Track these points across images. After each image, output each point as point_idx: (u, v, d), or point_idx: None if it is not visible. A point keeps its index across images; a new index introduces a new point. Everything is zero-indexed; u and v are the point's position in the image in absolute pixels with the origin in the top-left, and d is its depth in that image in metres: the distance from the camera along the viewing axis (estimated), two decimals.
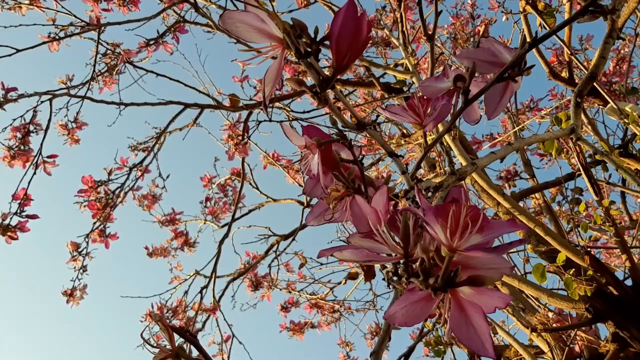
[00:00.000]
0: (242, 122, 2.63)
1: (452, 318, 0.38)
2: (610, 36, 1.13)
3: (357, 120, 0.50)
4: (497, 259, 0.39)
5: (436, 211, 0.38)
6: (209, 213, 3.56)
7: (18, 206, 2.14)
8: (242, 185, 3.03)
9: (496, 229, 0.38)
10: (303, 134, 0.54)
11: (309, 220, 0.57)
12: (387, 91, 2.52)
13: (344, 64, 0.43)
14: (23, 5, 2.48)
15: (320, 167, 0.53)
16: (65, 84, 2.48)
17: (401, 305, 0.41)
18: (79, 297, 2.69)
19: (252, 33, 0.43)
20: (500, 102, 0.58)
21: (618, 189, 1.94)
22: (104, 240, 2.58)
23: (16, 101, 2.22)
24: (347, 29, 0.41)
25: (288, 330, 3.51)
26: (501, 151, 0.82)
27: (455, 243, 0.37)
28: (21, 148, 2.33)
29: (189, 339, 0.43)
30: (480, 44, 0.60)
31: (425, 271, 0.38)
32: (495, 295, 0.39)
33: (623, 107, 1.76)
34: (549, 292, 1.74)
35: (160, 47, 2.63)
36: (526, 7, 1.90)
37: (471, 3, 3.41)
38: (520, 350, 1.96)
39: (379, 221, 0.45)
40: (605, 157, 1.14)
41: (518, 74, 0.54)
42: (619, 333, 1.60)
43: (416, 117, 0.61)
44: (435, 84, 0.63)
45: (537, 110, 3.15)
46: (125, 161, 2.68)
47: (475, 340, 0.38)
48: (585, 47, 3.21)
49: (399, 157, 0.57)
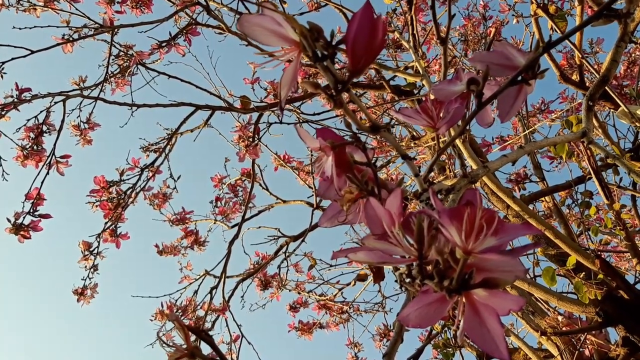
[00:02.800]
0: (253, 123, 2.64)
1: (467, 320, 0.39)
2: (623, 40, 1.13)
3: (371, 122, 0.50)
4: (511, 262, 0.39)
5: (451, 213, 0.38)
6: (219, 213, 3.57)
7: (31, 206, 2.16)
8: (252, 186, 3.04)
9: (511, 231, 0.38)
10: (317, 137, 0.55)
11: (322, 222, 0.58)
12: (398, 94, 2.52)
13: (359, 68, 0.43)
14: (38, 7, 2.50)
15: (334, 169, 0.54)
16: (78, 85, 2.50)
17: (415, 307, 0.42)
18: (90, 295, 2.71)
19: (269, 36, 0.43)
20: (513, 105, 0.58)
21: (629, 193, 1.93)
22: (115, 239, 2.60)
23: (30, 102, 2.25)
24: (363, 33, 0.42)
25: (296, 330, 3.52)
26: (513, 154, 0.82)
27: (470, 245, 0.37)
28: (34, 148, 2.35)
29: (205, 338, 0.44)
30: (493, 47, 0.60)
31: (441, 273, 0.38)
32: (509, 297, 0.39)
33: (634, 110, 1.75)
34: (559, 296, 1.74)
35: (172, 49, 2.65)
36: (537, 10, 1.90)
37: (483, 4, 3.40)
38: (529, 354, 1.95)
39: (392, 223, 0.45)
40: (617, 161, 1.14)
41: (532, 77, 0.55)
42: (629, 337, 1.59)
43: (429, 120, 0.61)
44: (448, 87, 0.63)
45: (548, 112, 3.14)
46: (137, 162, 2.69)
47: (490, 343, 0.38)
48: (595, 50, 3.20)
49: (412, 159, 0.57)
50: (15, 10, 2.49)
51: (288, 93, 0.44)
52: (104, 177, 2.56)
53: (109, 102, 2.47)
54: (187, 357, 0.45)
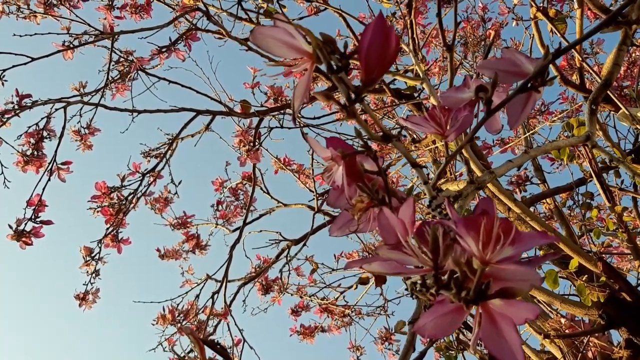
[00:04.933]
0: (254, 128, 2.64)
1: (484, 330, 0.39)
2: (624, 43, 1.14)
3: (382, 132, 0.50)
4: (528, 271, 0.39)
5: (467, 223, 0.38)
6: (220, 217, 3.57)
7: (32, 212, 2.16)
8: (253, 190, 3.04)
9: (528, 241, 0.38)
10: (327, 146, 0.55)
11: (332, 231, 0.58)
12: (398, 97, 2.52)
13: (372, 78, 0.43)
14: (38, 14, 2.50)
15: (345, 178, 0.54)
16: (79, 91, 2.50)
17: (430, 317, 0.42)
18: (92, 300, 2.70)
19: (282, 48, 0.43)
20: (522, 112, 0.58)
21: (630, 195, 1.93)
22: (117, 245, 2.59)
23: (30, 108, 2.24)
24: (376, 44, 0.42)
25: (298, 334, 3.52)
26: (518, 159, 0.83)
27: (488, 256, 0.37)
28: (35, 154, 2.35)
29: (220, 351, 0.44)
30: (502, 54, 0.60)
31: (459, 284, 0.38)
32: (525, 306, 0.39)
33: (635, 112, 1.75)
34: (562, 298, 1.74)
35: (172, 54, 2.65)
36: (537, 13, 1.90)
37: (482, 7, 3.41)
38: (532, 357, 1.95)
39: (406, 233, 0.45)
40: (620, 164, 1.14)
41: (541, 84, 0.55)
42: (632, 339, 1.59)
43: (438, 127, 0.62)
44: (457, 94, 0.63)
45: (548, 114, 3.15)
46: (138, 167, 2.69)
47: (507, 352, 0.38)
48: (595, 50, 3.20)
49: (422, 167, 0.57)
50: (16, 17, 2.49)
51: (301, 104, 0.44)
52: (105, 183, 2.56)
53: (110, 109, 2.47)
54: None
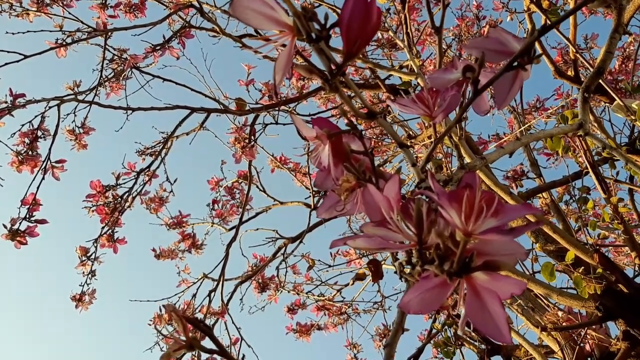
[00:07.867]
0: (249, 125, 2.64)
1: (468, 304, 0.38)
2: (617, 31, 1.13)
3: (367, 109, 0.50)
4: (512, 244, 0.38)
5: (450, 195, 0.37)
6: (216, 216, 3.56)
7: (27, 211, 2.15)
8: (249, 188, 3.03)
9: (511, 212, 0.38)
10: (313, 126, 0.54)
11: (320, 212, 0.57)
12: (393, 93, 2.52)
13: (354, 50, 0.42)
14: (30, 12, 2.50)
15: (331, 158, 0.53)
16: (72, 89, 2.49)
17: (415, 293, 0.41)
18: (88, 301, 2.69)
19: (262, 20, 0.43)
20: (510, 92, 0.58)
21: (626, 187, 1.92)
22: (113, 244, 2.58)
23: (24, 107, 2.23)
24: (357, 14, 0.41)
25: (294, 332, 3.51)
26: (509, 146, 0.82)
27: (470, 227, 0.37)
28: (29, 153, 2.34)
29: (203, 329, 0.43)
30: (489, 34, 0.59)
31: (441, 256, 0.37)
32: (511, 281, 0.38)
33: (629, 104, 1.75)
34: (559, 291, 1.73)
35: (166, 52, 2.64)
36: (530, 5, 1.90)
37: (476, 4, 3.41)
38: (530, 350, 1.95)
39: (391, 209, 0.44)
40: (614, 152, 1.13)
41: (528, 62, 0.54)
42: (629, 331, 1.59)
43: (425, 108, 0.61)
44: (444, 75, 0.62)
45: (543, 109, 3.15)
46: (133, 166, 2.69)
47: (492, 326, 0.38)
48: (590, 45, 3.20)
49: (409, 147, 0.56)
50: (8, 15, 2.49)
51: (283, 78, 0.44)
52: (100, 182, 2.55)
53: (104, 106, 2.46)
54: (186, 348, 0.45)
